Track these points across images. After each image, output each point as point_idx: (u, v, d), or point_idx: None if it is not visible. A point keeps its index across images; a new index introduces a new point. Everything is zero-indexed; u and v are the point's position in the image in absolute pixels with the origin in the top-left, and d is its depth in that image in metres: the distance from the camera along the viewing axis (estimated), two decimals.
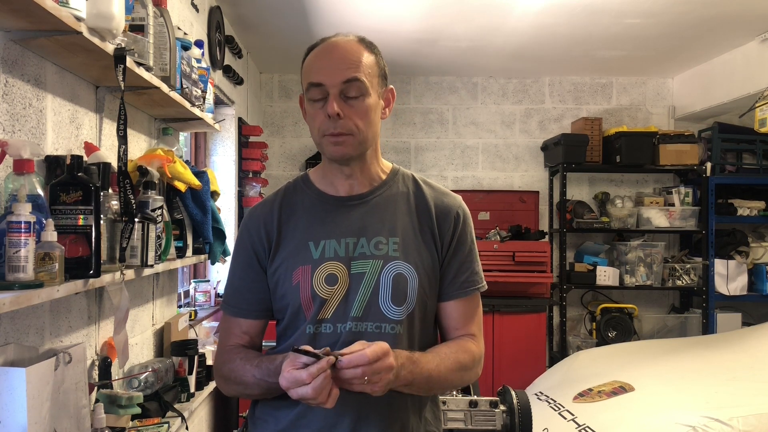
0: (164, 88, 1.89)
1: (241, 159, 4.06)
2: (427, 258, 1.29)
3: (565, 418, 3.08)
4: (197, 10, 3.01)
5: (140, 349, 2.31)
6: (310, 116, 1.27)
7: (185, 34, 2.36)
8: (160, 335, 2.52)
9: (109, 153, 1.87)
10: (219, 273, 3.78)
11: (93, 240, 1.40)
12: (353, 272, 1.25)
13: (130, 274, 1.67)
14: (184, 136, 3.21)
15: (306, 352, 1.08)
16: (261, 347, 1.37)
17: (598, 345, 4.48)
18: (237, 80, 3.91)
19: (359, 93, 1.23)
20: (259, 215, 1.34)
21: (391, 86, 1.34)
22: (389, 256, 1.25)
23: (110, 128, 1.94)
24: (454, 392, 2.25)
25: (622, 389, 3.20)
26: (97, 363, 1.87)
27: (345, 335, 1.22)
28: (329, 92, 1.22)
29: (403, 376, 1.16)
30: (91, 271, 1.41)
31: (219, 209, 2.63)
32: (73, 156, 1.39)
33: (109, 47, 1.51)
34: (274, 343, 1.35)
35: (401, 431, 1.25)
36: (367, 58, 1.26)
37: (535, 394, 3.47)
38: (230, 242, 2.87)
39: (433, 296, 1.30)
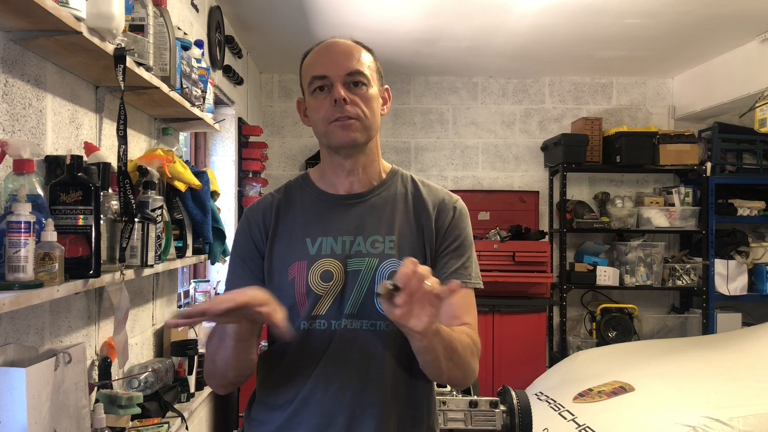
0: (164, 88, 1.89)
1: (241, 159, 4.06)
2: (422, 256, 1.29)
3: (565, 418, 3.08)
4: (197, 10, 3.01)
5: (140, 349, 2.31)
6: (313, 109, 1.28)
7: (185, 34, 2.36)
8: (160, 335, 2.52)
9: (109, 153, 1.87)
10: (219, 273, 3.78)
11: (93, 240, 1.40)
12: (349, 270, 1.25)
13: (130, 274, 1.67)
14: (184, 136, 3.21)
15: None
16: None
17: (598, 345, 4.48)
18: (237, 80, 3.91)
19: (363, 83, 1.27)
20: (259, 209, 1.35)
21: (386, 86, 1.37)
22: (385, 254, 1.25)
23: (110, 128, 1.94)
24: (454, 392, 2.25)
25: (622, 389, 3.20)
26: (97, 363, 1.87)
27: (339, 332, 1.22)
28: (334, 82, 1.25)
29: (437, 326, 1.09)
30: (91, 271, 1.41)
31: (219, 209, 2.63)
32: (73, 156, 1.39)
33: (109, 47, 1.51)
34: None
35: (396, 429, 1.24)
36: (366, 55, 1.30)
37: (535, 394, 3.47)
38: (230, 242, 2.86)
39: None
